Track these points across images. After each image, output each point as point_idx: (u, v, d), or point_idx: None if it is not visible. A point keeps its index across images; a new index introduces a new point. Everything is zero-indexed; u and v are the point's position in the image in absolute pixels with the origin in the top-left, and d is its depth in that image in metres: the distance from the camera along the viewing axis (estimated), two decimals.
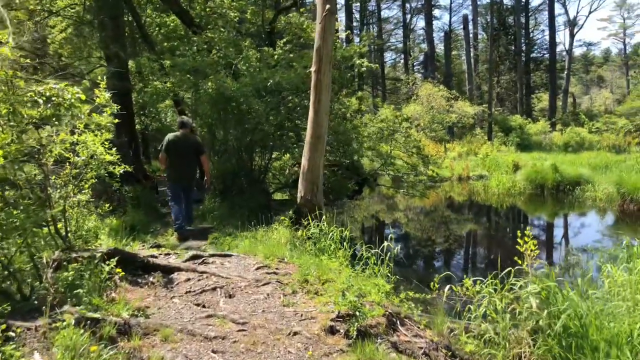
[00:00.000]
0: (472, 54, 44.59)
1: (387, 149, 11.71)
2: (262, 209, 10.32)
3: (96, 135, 5.67)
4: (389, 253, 5.95)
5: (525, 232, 4.46)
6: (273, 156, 11.30)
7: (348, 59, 11.16)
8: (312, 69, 7.37)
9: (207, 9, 14.29)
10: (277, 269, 5.47)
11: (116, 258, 5.20)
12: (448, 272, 5.26)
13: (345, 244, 6.54)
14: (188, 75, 10.76)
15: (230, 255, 5.95)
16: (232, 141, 10.15)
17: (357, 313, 3.73)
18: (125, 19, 14.23)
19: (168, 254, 6.50)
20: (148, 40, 14.16)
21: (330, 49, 7.38)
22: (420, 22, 54.27)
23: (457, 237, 11.71)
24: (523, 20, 44.77)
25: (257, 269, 5.40)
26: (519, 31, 42.88)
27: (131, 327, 3.64)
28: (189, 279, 5.06)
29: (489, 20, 46.28)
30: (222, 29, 11.90)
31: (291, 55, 11.46)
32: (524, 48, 44.44)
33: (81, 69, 17.87)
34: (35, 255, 4.89)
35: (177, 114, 15.43)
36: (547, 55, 46.22)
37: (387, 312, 4.03)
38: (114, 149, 5.92)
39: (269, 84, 9.09)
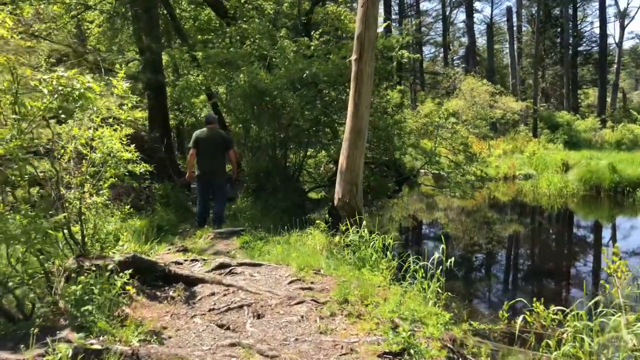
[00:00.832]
0: (515, 47, 42.84)
1: (431, 145, 10.90)
2: (296, 209, 9.74)
3: (115, 130, 5.17)
4: (440, 266, 5.24)
5: (614, 249, 3.67)
6: (308, 153, 10.67)
7: (389, 49, 10.41)
8: (353, 57, 6.68)
9: (243, 1, 13.77)
10: (312, 283, 4.83)
11: (134, 268, 4.69)
12: (519, 299, 4.48)
13: (388, 253, 5.85)
14: (221, 68, 10.25)
15: (260, 265, 5.35)
16: (265, 138, 9.57)
17: (412, 351, 3.04)
18: (159, 12, 13.88)
19: (194, 260, 5.96)
20: (181, 33, 13.76)
21: (373, 36, 6.67)
22: (460, 15, 52.63)
23: (509, 244, 10.70)
24: (571, 12, 42.67)
25: (290, 282, 4.77)
26: (566, 23, 40.86)
27: (140, 358, 3.06)
28: (213, 293, 4.47)
29: (534, 12, 44.33)
30: (256, 20, 11.34)
31: (328, 46, 10.79)
32: (571, 41, 42.36)
33: (115, 63, 17.70)
34: (46, 264, 4.41)
35: (211, 109, 15.04)
36: (595, 49, 43.94)
37: (448, 350, 3.32)
38: (133, 145, 5.46)
39: (304, 75, 8.44)
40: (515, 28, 44.31)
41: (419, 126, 10.87)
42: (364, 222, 6.32)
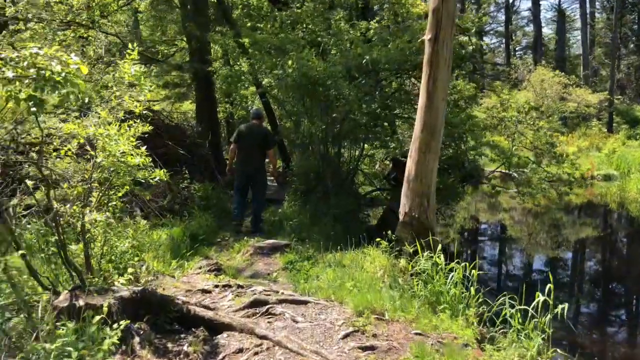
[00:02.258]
0: (588, 36, 39.57)
1: (508, 144, 9.37)
2: (351, 217, 8.50)
3: (129, 127, 4.11)
4: (547, 314, 3.88)
5: None
6: (364, 152, 9.40)
7: (465, 30, 8.95)
8: (426, 37, 5.35)
9: None
10: (374, 335, 3.58)
11: (143, 306, 3.63)
12: None
13: (472, 289, 4.52)
14: (269, 56, 9.13)
15: (306, 303, 4.16)
16: (317, 133, 8.37)
17: None
18: None
19: (226, 287, 4.85)
20: (229, 19, 12.73)
21: (452, 9, 5.32)
22: (523, 4, 49.39)
23: (618, 269, 8.87)
24: None
25: (346, 336, 3.55)
26: None
27: None
28: (241, 350, 3.32)
29: None
30: (309, 2, 10.12)
31: (389, 30, 9.45)
32: None
33: (162, 52, 17.02)
34: (29, 301, 3.41)
35: (260, 101, 13.99)
36: None
37: None
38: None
39: (363, 61, 7.15)
40: (588, 15, 40.97)
41: (494, 122, 9.38)
42: (438, 245, 5.00)
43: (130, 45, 4.10)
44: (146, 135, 8.95)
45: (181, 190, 8.76)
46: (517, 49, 51.06)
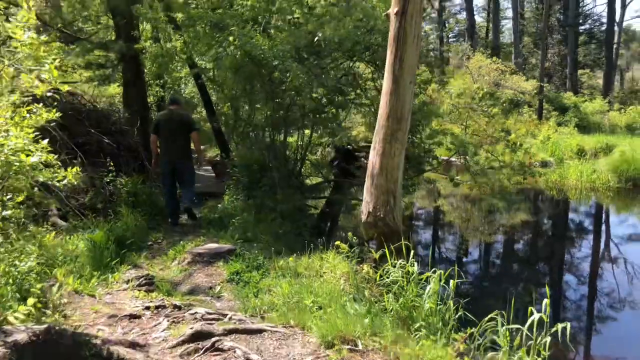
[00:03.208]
0: (518, 25, 40.71)
1: (460, 132, 8.96)
2: (298, 212, 7.78)
3: (17, 115, 3.13)
4: (544, 335, 3.35)
5: None
6: (312, 141, 8.66)
7: None
8: (392, 10, 4.66)
9: None
10: None
11: (48, 352, 2.75)
12: None
13: (449, 302, 3.92)
14: (206, 33, 8.15)
15: (261, 332, 3.38)
16: (260, 121, 7.54)
17: None
18: None
19: (160, 308, 3.99)
20: None
21: None
22: None
23: (600, 266, 8.31)
24: None
25: None
26: (572, 1, 38.86)
27: None
28: None
29: None
30: None
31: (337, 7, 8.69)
32: (574, 20, 40.35)
33: (86, 30, 15.38)
34: None
35: (195, 83, 12.87)
36: (602, 28, 42.09)
37: None
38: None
39: (315, 40, 6.38)
40: (518, 4, 42.14)
41: (448, 109, 8.93)
42: (408, 247, 4.37)
43: (24, 2, 3.09)
44: (60, 123, 7.77)
45: (105, 185, 7.65)
46: (449, 36, 51.93)
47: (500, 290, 6.68)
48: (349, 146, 11.74)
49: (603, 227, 11.08)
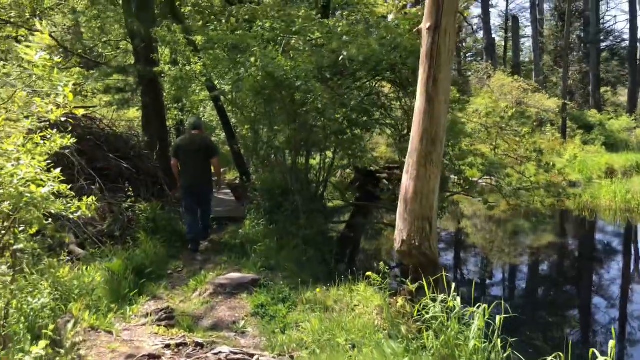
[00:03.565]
0: (537, 43, 40.36)
1: (489, 152, 8.59)
2: (323, 239, 7.47)
3: (29, 142, 2.92)
4: None
5: None
6: (335, 163, 8.37)
7: None
8: (424, 25, 4.40)
9: None
10: None
11: None
12: None
13: (495, 340, 3.56)
14: (226, 55, 8.01)
15: None
16: (282, 143, 7.30)
17: None
18: None
19: (182, 346, 3.70)
20: (178, 16, 11.48)
21: None
22: (474, 10, 50.03)
23: None
24: (594, 5, 40.09)
25: None
26: (592, 16, 38.39)
27: None
28: None
29: (557, 4, 41.97)
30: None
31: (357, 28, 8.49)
32: (595, 37, 39.82)
33: (105, 55, 15.49)
34: None
35: (214, 106, 12.77)
36: (624, 44, 41.52)
37: None
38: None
39: (340, 58, 6.14)
40: (537, 22, 41.83)
41: (477, 128, 8.60)
42: (445, 282, 4.02)
43: (38, 24, 2.90)
44: (79, 148, 7.61)
45: (124, 212, 7.45)
46: (467, 55, 51.73)
47: (551, 324, 6.18)
48: (370, 167, 11.46)
49: None
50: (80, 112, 3.00)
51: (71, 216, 2.99)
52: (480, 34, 46.16)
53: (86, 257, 6.30)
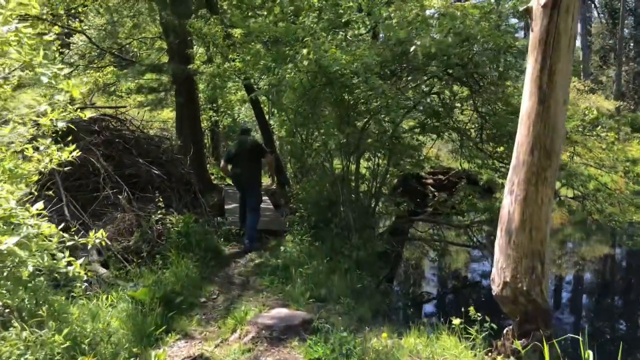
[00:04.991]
0: (586, 41, 38.27)
1: (567, 159, 7.43)
2: (378, 261, 6.47)
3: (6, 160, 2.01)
4: None
5: None
6: (390, 171, 7.35)
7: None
8: (537, 2, 3.36)
9: None
10: None
11: None
12: None
13: None
14: (270, 49, 7.14)
15: None
16: (333, 150, 6.35)
17: None
18: None
19: None
20: (215, 9, 10.67)
21: None
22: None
23: None
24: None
25: None
26: None
27: None
28: None
29: (607, 0, 39.81)
30: None
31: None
32: None
33: (137, 53, 14.88)
34: None
35: (251, 107, 11.95)
36: None
37: None
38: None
39: (412, 49, 5.12)
40: (586, 20, 39.73)
41: None
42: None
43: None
44: (105, 153, 6.82)
45: (153, 225, 6.61)
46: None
47: None
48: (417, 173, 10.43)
49: None
50: (86, 114, 2.27)
51: (62, 269, 2.08)
52: (521, 34, 44.33)
53: (108, 280, 5.49)
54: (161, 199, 6.95)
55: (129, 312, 4.34)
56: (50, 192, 5.96)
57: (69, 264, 2.19)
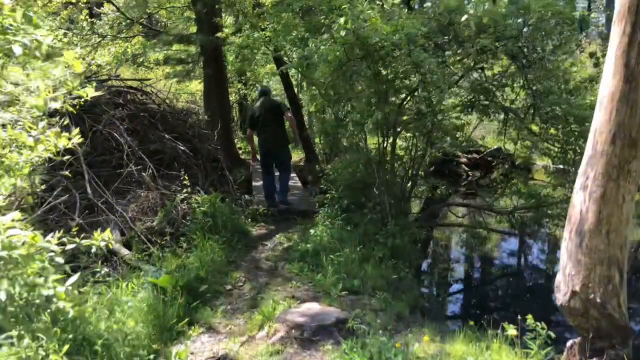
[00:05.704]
0: None
1: None
2: (414, 249, 6.05)
3: None
4: None
5: None
6: (428, 153, 6.85)
7: None
8: None
9: None
10: None
11: None
12: None
13: None
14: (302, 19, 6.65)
15: None
16: (370, 129, 5.88)
17: None
18: None
19: None
20: None
21: None
22: None
23: None
24: None
25: None
26: None
27: None
28: None
29: None
30: None
31: None
32: None
33: (165, 23, 14.46)
34: None
35: (281, 81, 11.49)
36: None
37: None
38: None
39: (463, 19, 4.58)
40: None
41: None
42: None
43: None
44: (130, 127, 6.52)
45: (177, 205, 6.31)
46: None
47: None
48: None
49: None
50: (89, 92, 1.98)
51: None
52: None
53: (130, 262, 5.23)
54: (187, 177, 6.63)
55: (149, 302, 4.04)
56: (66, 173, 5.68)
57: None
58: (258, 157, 7.99)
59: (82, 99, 1.97)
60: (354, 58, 5.31)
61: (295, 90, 12.22)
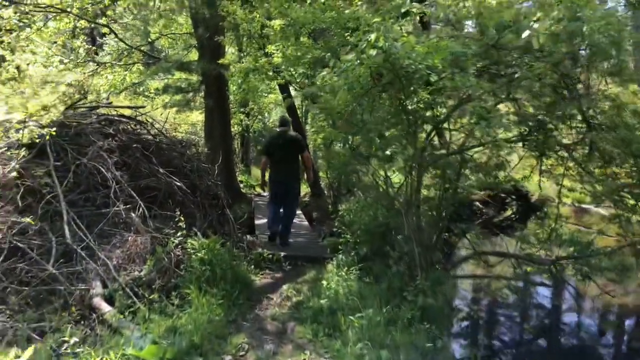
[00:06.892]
0: None
1: None
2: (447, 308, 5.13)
3: None
4: None
5: None
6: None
7: None
8: None
9: None
10: None
11: None
12: None
13: None
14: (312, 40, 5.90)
15: None
16: (393, 165, 5.06)
17: None
18: None
19: None
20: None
21: None
22: None
23: None
24: None
25: None
26: None
27: None
28: None
29: None
30: None
31: None
32: None
33: (166, 51, 13.87)
34: None
35: (287, 112, 10.77)
36: None
37: None
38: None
39: (524, 35, 3.76)
40: None
41: None
42: None
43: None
44: (123, 161, 5.70)
45: (171, 251, 5.42)
46: None
47: None
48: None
49: None
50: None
51: None
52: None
53: (111, 322, 4.32)
54: (182, 217, 5.77)
55: None
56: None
57: None
58: (266, 188, 7.72)
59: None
60: (381, 84, 4.53)
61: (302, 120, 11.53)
